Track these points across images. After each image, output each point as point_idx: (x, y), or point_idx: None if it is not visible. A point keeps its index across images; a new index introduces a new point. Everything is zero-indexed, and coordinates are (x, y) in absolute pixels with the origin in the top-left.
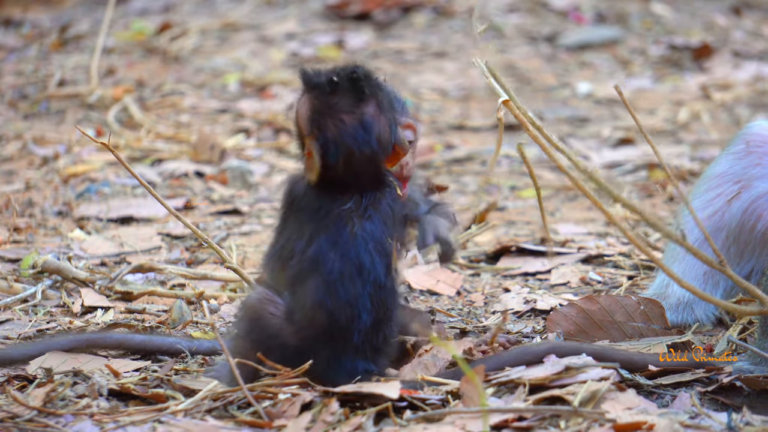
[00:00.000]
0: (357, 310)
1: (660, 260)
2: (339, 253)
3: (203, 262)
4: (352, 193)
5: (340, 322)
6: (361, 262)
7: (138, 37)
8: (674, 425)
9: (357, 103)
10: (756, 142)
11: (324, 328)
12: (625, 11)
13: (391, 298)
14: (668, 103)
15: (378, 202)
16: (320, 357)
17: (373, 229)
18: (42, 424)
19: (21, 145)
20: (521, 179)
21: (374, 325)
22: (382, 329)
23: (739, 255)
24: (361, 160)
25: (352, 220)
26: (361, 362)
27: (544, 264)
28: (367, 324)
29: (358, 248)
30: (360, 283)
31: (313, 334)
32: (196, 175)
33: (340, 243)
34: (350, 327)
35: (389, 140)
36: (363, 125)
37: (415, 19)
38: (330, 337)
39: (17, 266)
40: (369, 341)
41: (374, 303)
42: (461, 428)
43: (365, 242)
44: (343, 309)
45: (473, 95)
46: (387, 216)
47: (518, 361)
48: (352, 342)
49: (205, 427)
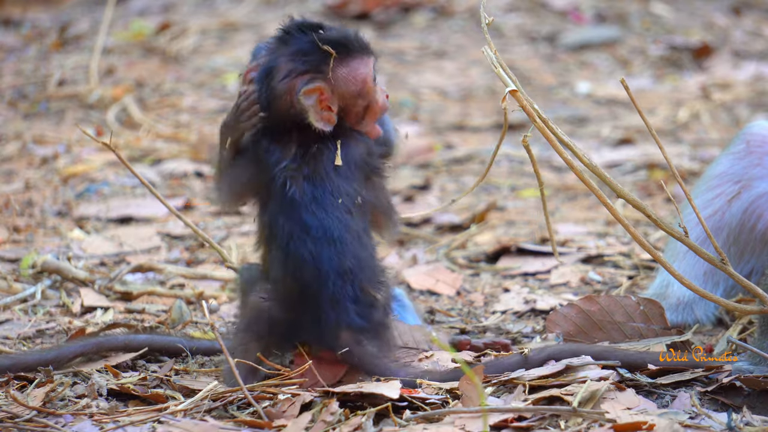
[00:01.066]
0: (315, 268)
1: (660, 257)
2: (285, 216)
3: (203, 262)
4: (288, 147)
5: (305, 283)
6: (304, 221)
7: (137, 36)
8: (674, 425)
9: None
10: (756, 142)
11: (295, 292)
12: (625, 11)
13: (353, 248)
14: (668, 103)
15: (319, 154)
16: (304, 323)
17: (313, 190)
18: (41, 424)
19: (21, 144)
20: (521, 179)
21: (341, 277)
22: (352, 280)
23: (739, 255)
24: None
25: (293, 180)
26: (343, 317)
27: (544, 264)
28: (332, 278)
29: (299, 209)
30: (310, 241)
31: (291, 302)
32: (196, 174)
33: (284, 205)
34: (316, 285)
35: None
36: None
37: (415, 19)
38: (304, 301)
39: (17, 266)
40: (342, 294)
41: (331, 257)
42: (461, 428)
43: (306, 203)
44: (303, 270)
45: (473, 95)
46: (330, 170)
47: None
48: (323, 300)
49: (204, 427)
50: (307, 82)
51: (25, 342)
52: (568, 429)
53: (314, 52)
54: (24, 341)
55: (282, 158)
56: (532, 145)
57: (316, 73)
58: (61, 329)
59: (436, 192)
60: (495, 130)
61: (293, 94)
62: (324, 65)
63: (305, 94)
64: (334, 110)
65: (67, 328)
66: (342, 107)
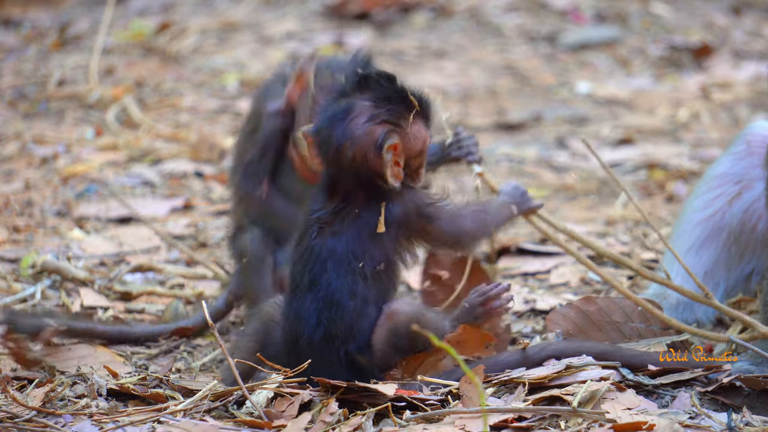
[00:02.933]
0: (304, 325)
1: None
2: (301, 265)
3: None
4: (333, 198)
5: (297, 335)
6: (313, 276)
7: (137, 36)
8: (674, 425)
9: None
10: (757, 143)
11: (291, 338)
12: (625, 11)
13: (350, 316)
14: (668, 103)
15: (357, 213)
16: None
17: (335, 246)
18: (41, 424)
19: (20, 144)
20: (521, 179)
21: (327, 342)
22: (338, 346)
23: (740, 255)
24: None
25: (320, 232)
26: (330, 373)
27: (543, 264)
28: (316, 341)
29: (314, 262)
30: (310, 298)
31: (286, 341)
32: (196, 174)
33: (304, 254)
34: (305, 343)
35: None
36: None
37: (415, 19)
38: (297, 348)
39: (16, 266)
40: (321, 356)
41: (321, 320)
42: (461, 428)
43: (323, 259)
44: (296, 324)
45: (472, 95)
46: (363, 231)
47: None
48: (299, 355)
49: (204, 427)
50: (388, 133)
51: None
52: (568, 429)
53: (399, 102)
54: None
55: (322, 207)
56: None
57: (397, 126)
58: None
59: (436, 192)
60: (495, 130)
61: (371, 143)
62: (404, 119)
63: (388, 149)
64: (401, 166)
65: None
66: (404, 163)
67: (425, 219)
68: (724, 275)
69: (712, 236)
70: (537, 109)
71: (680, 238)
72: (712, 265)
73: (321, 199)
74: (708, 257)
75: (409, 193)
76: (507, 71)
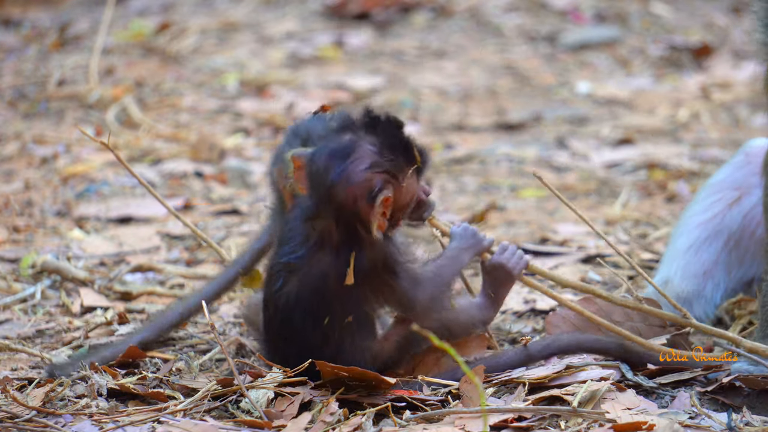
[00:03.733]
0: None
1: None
2: (270, 311)
3: (202, 262)
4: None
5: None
6: (284, 326)
7: (137, 36)
8: (674, 425)
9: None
10: (755, 154)
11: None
12: (625, 11)
13: (329, 358)
14: (668, 103)
15: (328, 260)
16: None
17: (301, 296)
18: (41, 424)
19: (20, 144)
20: (521, 179)
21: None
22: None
23: (740, 260)
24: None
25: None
26: None
27: (543, 264)
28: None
29: (283, 312)
30: (284, 342)
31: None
32: (196, 174)
33: (270, 303)
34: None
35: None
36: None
37: (415, 19)
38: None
39: (16, 266)
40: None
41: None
42: (461, 428)
43: (291, 308)
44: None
45: (472, 95)
46: (331, 280)
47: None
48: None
49: (204, 427)
50: (385, 185)
51: (25, 342)
52: (568, 429)
53: (401, 153)
54: (24, 341)
55: (292, 251)
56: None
57: (394, 179)
58: (60, 329)
59: (435, 192)
60: (495, 130)
61: (366, 190)
62: (402, 173)
63: (381, 201)
64: (387, 217)
65: (66, 328)
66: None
67: (389, 273)
68: (724, 275)
69: (711, 237)
70: (537, 109)
71: (680, 238)
72: (712, 265)
73: (295, 236)
74: (708, 257)
75: (382, 243)
76: (507, 71)
